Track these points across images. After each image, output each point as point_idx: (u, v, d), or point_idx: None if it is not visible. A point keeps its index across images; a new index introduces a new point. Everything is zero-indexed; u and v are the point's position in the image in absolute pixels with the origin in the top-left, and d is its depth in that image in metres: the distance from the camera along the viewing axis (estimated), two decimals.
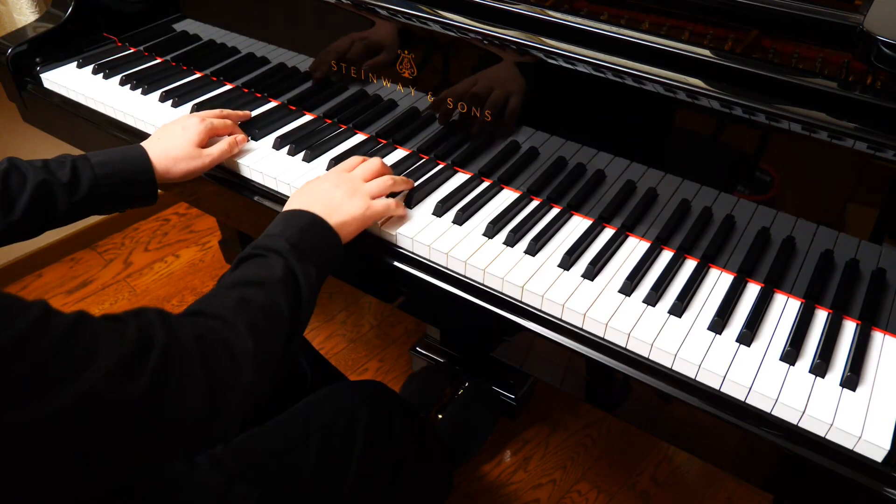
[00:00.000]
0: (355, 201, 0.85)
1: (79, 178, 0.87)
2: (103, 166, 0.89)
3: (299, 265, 0.74)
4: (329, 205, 0.83)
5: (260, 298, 0.70)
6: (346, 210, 0.84)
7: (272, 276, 0.72)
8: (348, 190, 0.86)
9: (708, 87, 0.77)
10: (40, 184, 0.84)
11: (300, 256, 0.75)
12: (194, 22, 1.23)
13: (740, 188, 0.82)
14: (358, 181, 0.88)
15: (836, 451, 0.68)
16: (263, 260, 0.74)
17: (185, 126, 0.97)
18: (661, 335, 0.76)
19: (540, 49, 0.86)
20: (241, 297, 0.69)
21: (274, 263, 0.73)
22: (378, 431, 0.91)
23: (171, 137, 0.96)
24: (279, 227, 0.79)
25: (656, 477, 1.47)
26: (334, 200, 0.84)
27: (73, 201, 0.87)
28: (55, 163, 0.88)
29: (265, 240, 0.77)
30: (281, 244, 0.75)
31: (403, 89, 1.01)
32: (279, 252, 0.74)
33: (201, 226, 2.14)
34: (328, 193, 0.85)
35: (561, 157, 0.93)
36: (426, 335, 1.63)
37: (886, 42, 0.69)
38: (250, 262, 0.75)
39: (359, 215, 0.84)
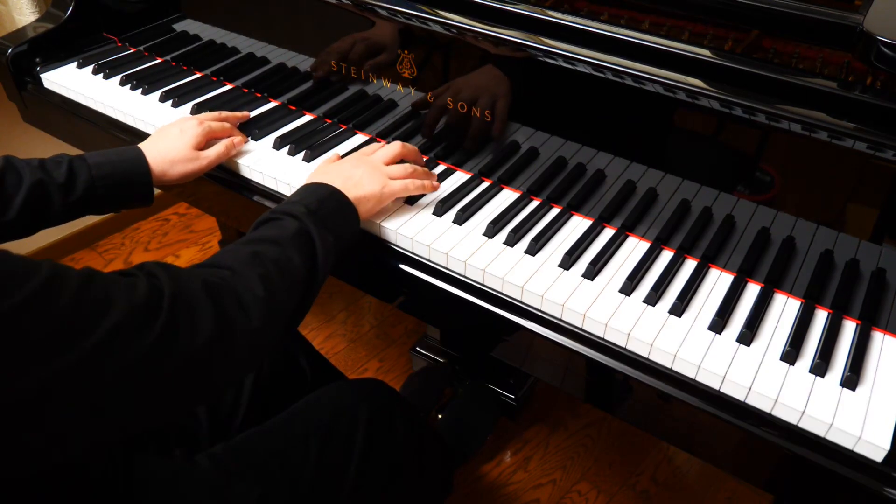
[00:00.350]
0: (374, 180, 0.86)
1: (75, 179, 0.87)
2: (100, 167, 0.89)
3: (315, 228, 0.76)
4: (348, 181, 0.85)
5: (273, 253, 0.71)
6: (365, 187, 0.85)
7: (286, 235, 0.74)
8: (368, 168, 0.88)
9: (708, 87, 0.77)
10: (36, 183, 0.84)
11: (317, 221, 0.77)
12: (194, 22, 1.23)
13: (740, 188, 0.82)
14: (378, 163, 0.90)
15: (835, 451, 0.68)
16: (279, 222, 0.76)
17: (182, 129, 0.97)
18: (660, 335, 0.76)
19: (540, 49, 0.86)
20: (254, 251, 0.71)
21: (289, 224, 0.75)
22: (378, 431, 0.91)
23: (169, 140, 0.96)
24: (298, 195, 0.81)
25: (656, 477, 1.47)
26: (353, 178, 0.86)
27: (69, 202, 0.87)
28: (51, 162, 0.88)
29: (283, 206, 0.78)
30: (299, 209, 0.77)
31: (403, 89, 1.01)
32: (296, 216, 0.76)
33: (201, 226, 2.14)
34: (347, 171, 0.87)
35: (561, 157, 0.93)
36: (426, 335, 1.63)
37: (886, 42, 0.69)
38: (267, 224, 0.76)
39: (377, 192, 0.86)
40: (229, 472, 0.81)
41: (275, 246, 0.72)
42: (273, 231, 0.74)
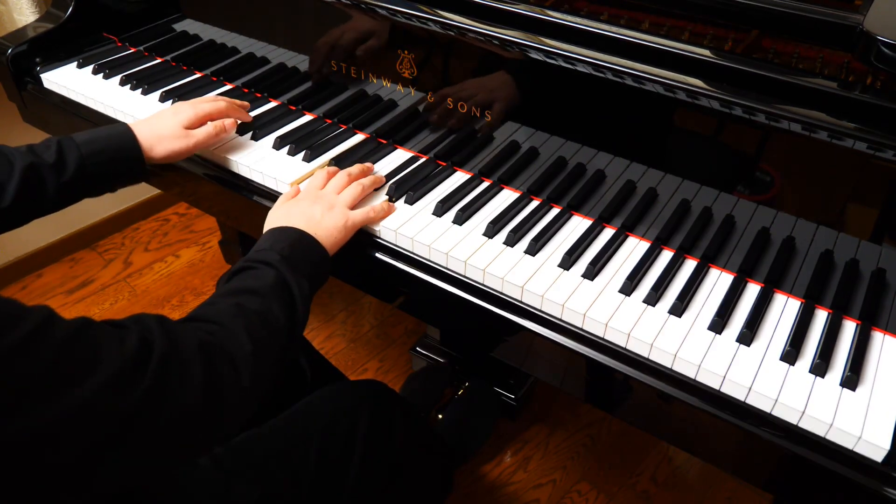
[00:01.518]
0: (335, 214, 0.86)
1: (65, 158, 0.87)
2: (89, 144, 0.89)
3: (291, 275, 0.75)
4: (311, 221, 0.84)
5: (255, 305, 0.71)
6: (328, 223, 0.85)
7: (265, 285, 0.73)
8: (325, 205, 0.87)
9: (708, 87, 0.77)
10: (27, 167, 0.84)
11: (291, 267, 0.76)
12: (194, 22, 1.23)
13: (740, 188, 0.82)
14: (332, 195, 0.89)
15: (835, 451, 0.68)
16: (255, 271, 0.75)
17: (176, 110, 0.98)
18: (661, 335, 0.76)
19: (540, 49, 0.85)
20: (237, 303, 0.70)
21: (266, 274, 0.74)
22: (379, 432, 0.91)
23: (161, 118, 0.97)
24: (268, 242, 0.80)
25: (656, 477, 1.47)
26: (315, 217, 0.85)
27: (62, 182, 0.87)
28: (40, 146, 0.87)
29: (255, 254, 0.78)
30: (272, 256, 0.77)
31: (403, 89, 1.01)
32: (270, 263, 0.76)
33: (201, 226, 2.14)
34: (307, 211, 0.86)
35: (561, 157, 0.93)
36: (426, 335, 1.63)
37: (886, 42, 0.69)
38: (242, 274, 0.76)
39: (340, 226, 0.86)
40: (230, 472, 0.81)
41: (255, 297, 0.72)
42: (251, 281, 0.74)
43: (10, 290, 1.90)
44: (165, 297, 1.90)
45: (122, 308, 1.87)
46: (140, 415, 0.54)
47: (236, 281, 0.75)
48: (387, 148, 1.05)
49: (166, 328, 0.61)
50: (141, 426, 0.55)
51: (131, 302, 1.89)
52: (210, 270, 1.99)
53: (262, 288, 0.73)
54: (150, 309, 1.86)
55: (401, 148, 1.06)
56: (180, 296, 1.91)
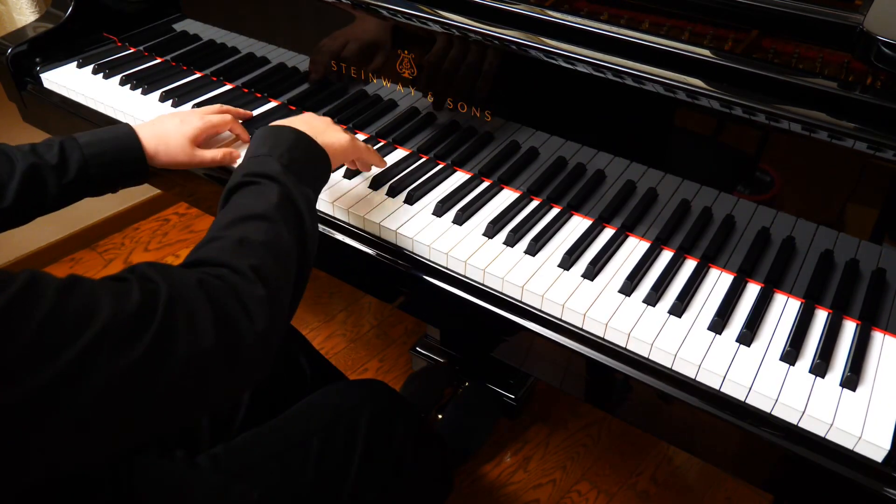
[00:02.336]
0: (338, 132, 0.84)
1: (67, 160, 0.86)
2: (91, 146, 0.88)
3: (296, 188, 0.71)
4: (312, 127, 0.81)
5: (261, 234, 0.65)
6: (331, 136, 0.83)
7: (269, 206, 0.68)
8: (328, 123, 0.86)
9: (708, 87, 0.77)
10: (29, 168, 0.83)
11: (295, 178, 0.71)
12: (194, 22, 1.23)
13: (740, 188, 0.82)
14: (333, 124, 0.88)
15: (836, 451, 0.68)
16: (257, 188, 0.70)
17: (183, 119, 0.97)
18: (661, 335, 0.76)
19: (540, 49, 0.85)
20: (241, 236, 0.65)
21: (269, 191, 0.69)
22: (379, 432, 0.91)
23: (166, 125, 0.96)
24: (265, 145, 0.75)
25: (656, 477, 1.47)
26: (317, 127, 0.83)
27: (64, 183, 0.86)
28: (43, 146, 0.87)
29: (254, 163, 0.73)
30: (273, 167, 0.71)
31: (403, 89, 1.01)
32: (272, 177, 0.71)
33: (201, 226, 2.14)
34: (308, 121, 0.83)
35: (561, 157, 0.93)
36: (426, 335, 1.63)
37: (886, 42, 0.69)
38: (243, 191, 0.71)
39: (344, 143, 0.84)
40: (230, 472, 0.81)
41: (261, 223, 0.66)
42: (254, 203, 0.68)
43: None
44: None
45: None
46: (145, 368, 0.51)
47: (237, 201, 0.69)
48: (387, 148, 1.05)
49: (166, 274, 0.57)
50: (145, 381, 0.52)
51: None
52: None
53: (266, 210, 0.67)
54: None
55: (401, 148, 1.06)
56: None
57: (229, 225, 0.67)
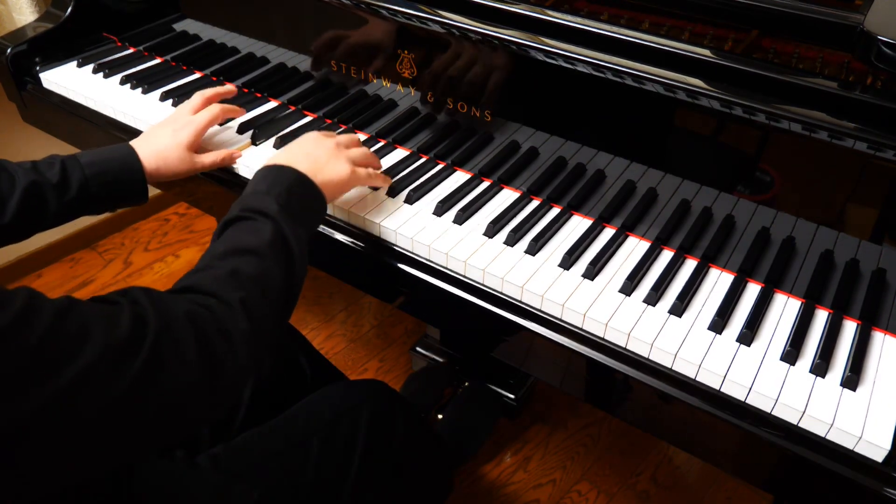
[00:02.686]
0: (339, 164, 0.84)
1: (68, 179, 0.86)
2: (93, 166, 0.88)
3: (290, 228, 0.72)
4: (315, 164, 0.82)
5: (252, 269, 0.67)
6: (331, 171, 0.83)
7: (263, 243, 0.70)
8: (331, 151, 0.85)
9: (708, 87, 0.77)
10: (30, 185, 0.84)
11: (290, 219, 0.73)
12: (194, 22, 1.23)
13: (740, 188, 0.82)
14: (340, 145, 0.88)
15: (836, 452, 0.68)
16: (252, 224, 0.72)
17: (176, 129, 0.96)
18: (661, 335, 0.76)
19: (540, 49, 0.85)
20: (233, 269, 0.66)
21: (264, 227, 0.71)
22: (379, 432, 0.91)
23: (161, 138, 0.95)
24: (264, 183, 0.77)
25: (656, 477, 1.47)
26: (319, 160, 0.83)
27: (64, 202, 0.86)
28: (44, 164, 0.87)
29: (252, 199, 0.74)
30: (270, 206, 0.73)
31: (403, 89, 1.01)
32: (269, 215, 0.72)
33: (201, 226, 2.14)
34: (312, 152, 0.84)
35: (561, 157, 0.93)
36: (426, 335, 1.63)
37: (886, 42, 0.69)
38: (239, 225, 0.72)
39: (344, 178, 0.84)
40: (230, 472, 0.81)
41: (253, 258, 0.68)
42: (248, 237, 0.70)
43: None
44: None
45: None
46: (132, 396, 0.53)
47: (232, 234, 0.71)
48: (387, 148, 1.05)
49: (158, 303, 0.58)
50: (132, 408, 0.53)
51: None
52: None
53: (259, 246, 0.69)
54: None
55: (401, 148, 1.06)
56: None
57: (223, 256, 0.69)
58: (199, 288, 0.64)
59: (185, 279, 0.66)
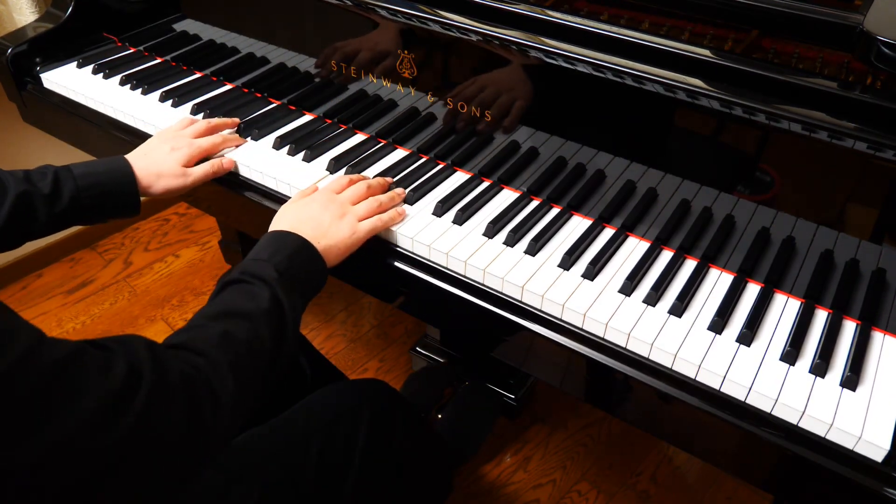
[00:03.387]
0: (343, 225, 0.85)
1: (60, 190, 0.86)
2: (86, 178, 0.88)
3: (286, 296, 0.74)
4: (318, 228, 0.83)
5: (244, 333, 0.69)
6: (334, 234, 0.84)
7: (258, 308, 0.71)
8: (336, 212, 0.86)
9: (708, 87, 0.77)
10: (21, 195, 0.84)
11: (288, 286, 0.75)
12: (194, 22, 1.23)
13: (740, 188, 0.82)
14: (346, 204, 0.88)
15: (836, 451, 0.68)
16: (250, 287, 0.73)
17: (173, 146, 0.97)
18: (661, 335, 0.76)
19: (540, 49, 0.85)
20: (225, 331, 0.68)
21: (260, 293, 0.73)
22: (380, 432, 0.91)
23: (158, 154, 0.96)
24: (267, 250, 0.78)
25: (656, 477, 1.47)
26: (323, 224, 0.84)
27: (54, 213, 0.86)
28: (37, 174, 0.87)
29: (253, 265, 0.76)
30: (269, 272, 0.75)
31: (403, 89, 1.01)
32: (266, 281, 0.74)
33: (201, 226, 2.14)
34: (318, 216, 0.85)
35: (561, 157, 0.93)
36: (426, 335, 1.63)
37: (886, 42, 0.69)
38: (236, 287, 0.74)
39: (346, 239, 0.85)
40: (230, 472, 0.81)
41: (246, 322, 0.69)
42: (244, 301, 0.72)
43: (10, 291, 1.90)
44: (165, 297, 1.90)
45: (121, 308, 1.87)
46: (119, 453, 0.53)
47: (228, 296, 0.73)
48: (387, 148, 1.05)
49: (155, 358, 0.59)
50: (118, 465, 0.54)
51: (131, 302, 1.89)
52: (210, 270, 1.99)
53: (253, 312, 0.71)
54: (150, 310, 1.86)
55: (401, 148, 1.06)
56: (180, 296, 1.91)
57: (217, 316, 0.70)
58: (190, 346, 0.66)
59: (177, 336, 0.68)
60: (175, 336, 0.68)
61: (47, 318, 1.82)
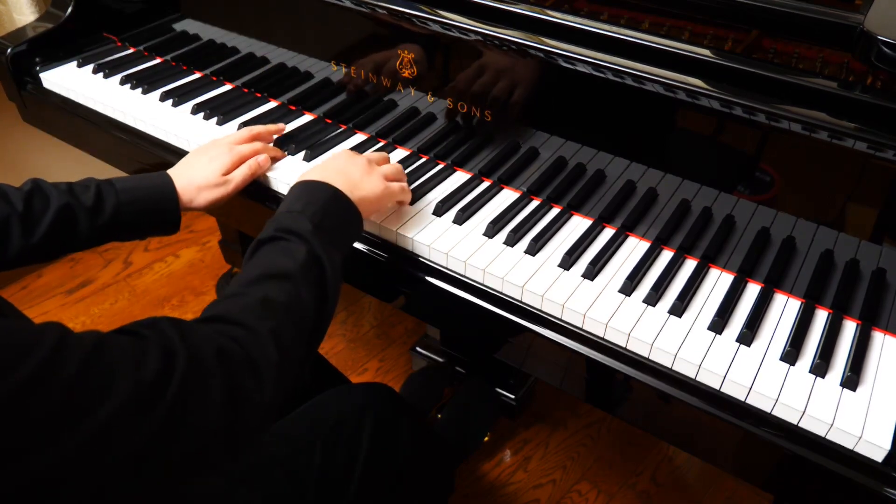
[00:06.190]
0: (373, 179, 0.83)
1: (103, 203, 0.85)
2: (128, 192, 0.86)
3: (324, 251, 0.71)
4: (349, 180, 0.81)
5: (284, 296, 0.66)
6: (366, 187, 0.82)
7: (296, 266, 0.68)
8: (364, 168, 0.84)
9: (708, 87, 0.77)
10: (63, 207, 0.82)
11: (325, 240, 0.72)
12: (194, 22, 1.23)
13: (740, 188, 0.82)
14: (372, 163, 0.87)
15: (836, 451, 0.68)
16: (286, 244, 0.70)
17: (212, 156, 0.94)
18: (661, 335, 0.76)
19: (540, 49, 0.85)
20: (264, 297, 0.65)
21: (297, 249, 0.70)
22: (383, 436, 0.91)
23: (198, 167, 0.93)
24: (300, 201, 0.75)
25: (656, 477, 1.47)
26: (354, 176, 0.82)
27: (95, 226, 0.85)
28: (79, 186, 0.86)
29: (286, 218, 0.73)
30: (304, 226, 0.72)
31: (403, 89, 1.01)
32: (303, 236, 0.71)
33: (201, 226, 2.14)
34: (346, 168, 0.83)
35: (561, 157, 0.93)
36: (426, 335, 1.63)
37: (886, 42, 0.69)
38: (271, 246, 0.71)
39: (379, 193, 0.83)
40: (233, 477, 0.81)
41: (285, 283, 0.67)
42: (281, 259, 0.69)
43: (10, 290, 1.90)
44: (165, 297, 1.90)
45: (121, 308, 1.87)
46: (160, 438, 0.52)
47: (264, 256, 0.70)
48: (387, 148, 1.05)
49: (187, 337, 0.57)
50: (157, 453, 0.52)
51: (131, 302, 1.89)
52: (210, 270, 1.99)
53: (292, 270, 0.68)
54: (150, 310, 1.86)
55: (401, 148, 1.06)
56: (180, 296, 1.91)
57: (254, 281, 0.67)
58: (228, 317, 0.63)
59: (214, 306, 0.65)
60: (212, 307, 0.66)
61: (47, 318, 1.82)
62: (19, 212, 0.81)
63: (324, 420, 0.89)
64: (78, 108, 1.21)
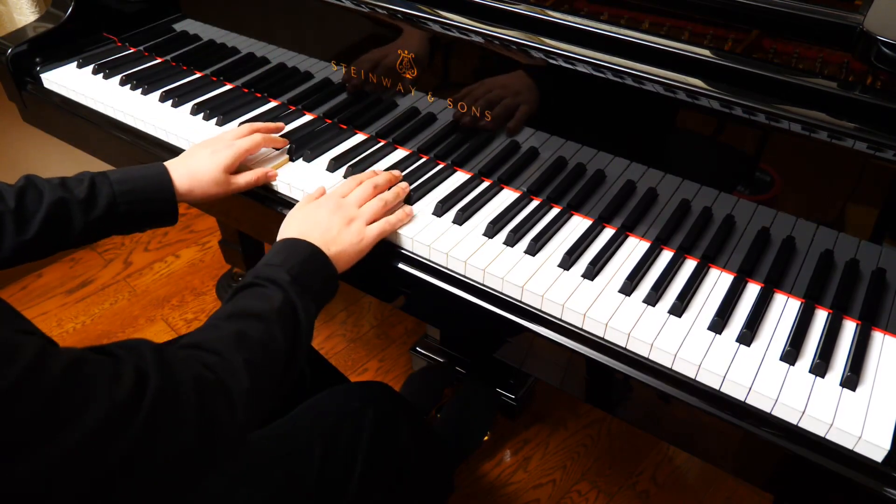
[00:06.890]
0: (352, 231, 0.84)
1: (96, 196, 0.85)
2: (122, 183, 0.86)
3: (300, 299, 0.74)
4: (327, 234, 0.83)
5: (258, 332, 0.69)
6: (343, 240, 0.83)
7: (272, 309, 0.71)
8: (344, 217, 0.85)
9: (708, 87, 0.77)
10: (56, 202, 0.82)
11: (301, 290, 0.75)
12: (194, 22, 1.23)
13: (740, 188, 0.82)
14: (353, 208, 0.87)
15: (836, 451, 0.68)
16: (263, 290, 0.73)
17: (214, 149, 0.94)
18: (661, 335, 0.76)
19: (540, 49, 0.86)
20: (238, 330, 0.68)
21: (274, 295, 0.73)
22: (383, 435, 0.91)
23: (198, 159, 0.93)
24: (279, 256, 0.78)
25: (656, 477, 1.47)
26: (332, 230, 0.83)
27: (90, 220, 0.84)
28: (73, 180, 0.85)
29: (265, 269, 0.76)
30: (282, 276, 0.75)
31: (403, 89, 1.01)
32: (280, 284, 0.74)
33: (201, 226, 2.14)
34: (326, 221, 0.84)
35: (561, 157, 0.93)
36: (426, 335, 1.63)
37: (886, 42, 0.69)
38: (250, 291, 0.74)
39: (355, 245, 0.84)
40: (232, 476, 0.81)
41: (259, 322, 0.70)
42: (257, 303, 0.72)
43: (9, 290, 1.90)
44: (165, 297, 1.90)
45: (121, 308, 1.87)
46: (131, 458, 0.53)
47: (243, 299, 0.73)
48: (387, 148, 1.05)
49: (162, 362, 0.59)
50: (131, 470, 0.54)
51: (131, 302, 1.89)
52: (210, 270, 1.99)
53: (267, 312, 0.71)
54: (150, 310, 1.86)
55: (401, 148, 1.06)
56: (180, 296, 1.91)
57: (230, 318, 0.70)
58: (204, 346, 0.66)
59: (191, 336, 0.68)
60: (189, 336, 0.68)
61: (47, 318, 1.82)
62: (12, 208, 0.81)
63: (324, 418, 0.89)
64: (78, 108, 1.21)
